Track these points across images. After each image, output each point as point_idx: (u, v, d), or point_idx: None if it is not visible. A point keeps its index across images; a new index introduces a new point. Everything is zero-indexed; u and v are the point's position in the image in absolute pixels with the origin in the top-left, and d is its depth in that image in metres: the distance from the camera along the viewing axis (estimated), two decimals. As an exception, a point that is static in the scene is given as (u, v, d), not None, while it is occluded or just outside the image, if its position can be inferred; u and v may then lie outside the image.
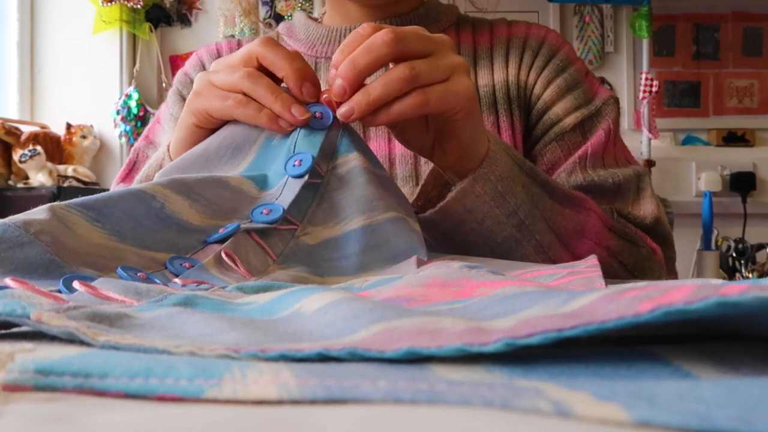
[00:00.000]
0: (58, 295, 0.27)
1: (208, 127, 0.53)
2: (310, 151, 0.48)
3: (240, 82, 0.49)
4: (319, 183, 0.49)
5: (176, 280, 0.36)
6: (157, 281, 0.36)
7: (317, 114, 0.49)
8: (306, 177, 0.47)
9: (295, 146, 0.49)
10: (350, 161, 0.49)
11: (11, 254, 0.33)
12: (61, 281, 0.31)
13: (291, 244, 0.45)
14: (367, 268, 0.45)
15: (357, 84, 0.47)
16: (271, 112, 0.49)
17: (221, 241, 0.42)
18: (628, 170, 0.70)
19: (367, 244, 0.46)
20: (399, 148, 0.72)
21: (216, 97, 0.51)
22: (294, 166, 0.47)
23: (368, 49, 0.47)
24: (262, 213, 0.45)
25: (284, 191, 0.47)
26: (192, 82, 0.80)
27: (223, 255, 0.40)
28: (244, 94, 0.50)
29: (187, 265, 0.39)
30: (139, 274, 0.36)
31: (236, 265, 0.40)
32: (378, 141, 0.73)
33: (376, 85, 0.47)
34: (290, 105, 0.48)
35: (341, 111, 0.48)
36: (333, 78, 0.48)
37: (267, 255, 0.44)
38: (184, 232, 0.43)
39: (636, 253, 0.66)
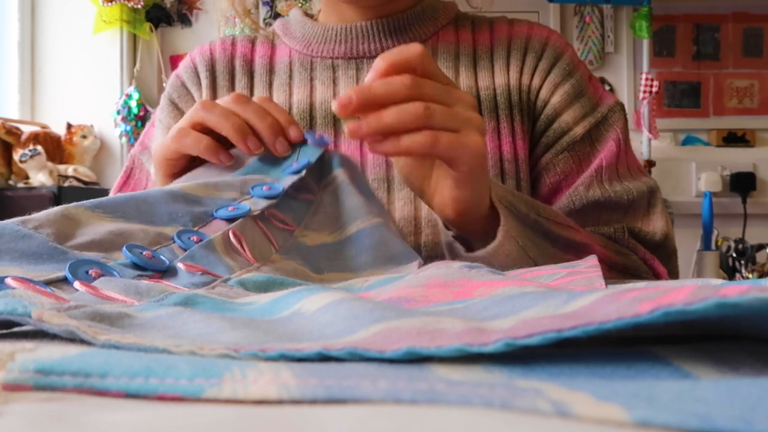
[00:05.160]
0: (59, 295, 0.27)
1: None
2: (310, 158, 0.51)
3: (201, 115, 0.52)
4: (313, 200, 0.51)
5: (180, 264, 0.35)
6: (164, 258, 0.36)
7: (317, 135, 0.53)
8: (303, 173, 0.48)
9: (298, 156, 0.51)
10: (338, 176, 0.52)
11: (13, 245, 0.33)
12: (67, 267, 0.31)
13: (290, 241, 0.46)
14: (368, 266, 0.46)
15: (365, 104, 0.47)
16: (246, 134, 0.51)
17: (228, 220, 0.42)
18: (641, 186, 0.71)
19: (367, 244, 0.47)
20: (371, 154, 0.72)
21: (180, 137, 0.52)
22: (292, 166, 0.50)
23: (388, 82, 0.47)
24: (262, 189, 0.46)
25: (283, 181, 0.48)
26: (183, 85, 0.79)
27: (231, 236, 0.40)
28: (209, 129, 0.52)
29: (195, 239, 0.39)
30: (144, 253, 0.35)
31: (243, 248, 0.40)
32: (348, 144, 0.73)
33: (390, 113, 0.47)
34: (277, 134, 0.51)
35: (350, 126, 0.47)
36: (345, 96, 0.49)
37: (270, 244, 0.44)
38: (191, 203, 0.43)
39: None
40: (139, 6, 2.48)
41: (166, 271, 0.35)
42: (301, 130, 0.52)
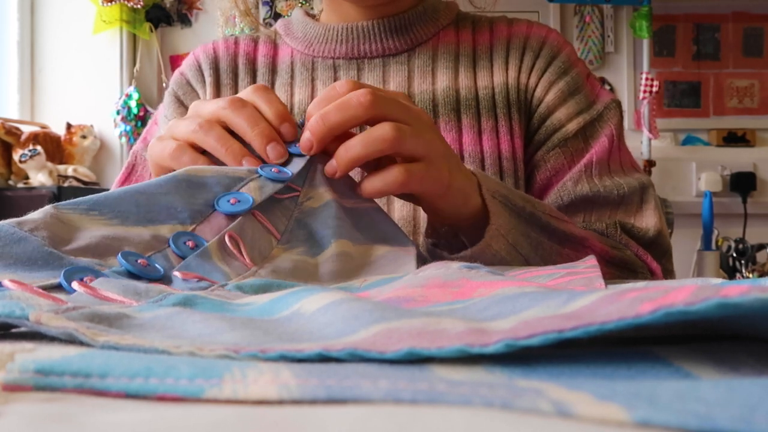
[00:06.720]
0: (57, 296, 0.27)
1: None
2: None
3: (191, 133, 0.49)
4: (312, 158, 0.49)
5: (176, 272, 0.35)
6: (158, 266, 0.36)
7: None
8: (308, 156, 0.47)
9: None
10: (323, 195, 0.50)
11: (9, 250, 0.33)
12: (62, 274, 0.31)
13: (295, 214, 0.45)
14: (368, 241, 0.46)
15: (325, 140, 0.46)
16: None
17: (228, 216, 0.42)
18: (633, 181, 0.70)
19: (366, 222, 0.47)
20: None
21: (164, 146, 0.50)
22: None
23: (341, 107, 0.46)
24: (272, 171, 0.45)
25: (291, 164, 0.47)
26: (188, 82, 0.79)
27: (227, 240, 0.40)
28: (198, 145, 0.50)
29: (190, 244, 0.39)
30: (139, 261, 0.35)
31: (240, 252, 0.40)
32: None
33: (357, 143, 0.46)
34: (242, 157, 0.47)
35: (327, 170, 0.47)
36: (304, 130, 0.48)
37: (271, 235, 0.43)
38: (193, 188, 0.42)
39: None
40: (139, 6, 2.48)
41: (161, 279, 0.35)
42: (295, 126, 0.49)
